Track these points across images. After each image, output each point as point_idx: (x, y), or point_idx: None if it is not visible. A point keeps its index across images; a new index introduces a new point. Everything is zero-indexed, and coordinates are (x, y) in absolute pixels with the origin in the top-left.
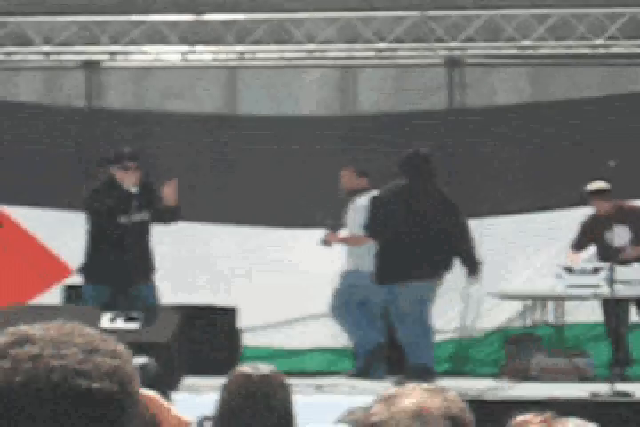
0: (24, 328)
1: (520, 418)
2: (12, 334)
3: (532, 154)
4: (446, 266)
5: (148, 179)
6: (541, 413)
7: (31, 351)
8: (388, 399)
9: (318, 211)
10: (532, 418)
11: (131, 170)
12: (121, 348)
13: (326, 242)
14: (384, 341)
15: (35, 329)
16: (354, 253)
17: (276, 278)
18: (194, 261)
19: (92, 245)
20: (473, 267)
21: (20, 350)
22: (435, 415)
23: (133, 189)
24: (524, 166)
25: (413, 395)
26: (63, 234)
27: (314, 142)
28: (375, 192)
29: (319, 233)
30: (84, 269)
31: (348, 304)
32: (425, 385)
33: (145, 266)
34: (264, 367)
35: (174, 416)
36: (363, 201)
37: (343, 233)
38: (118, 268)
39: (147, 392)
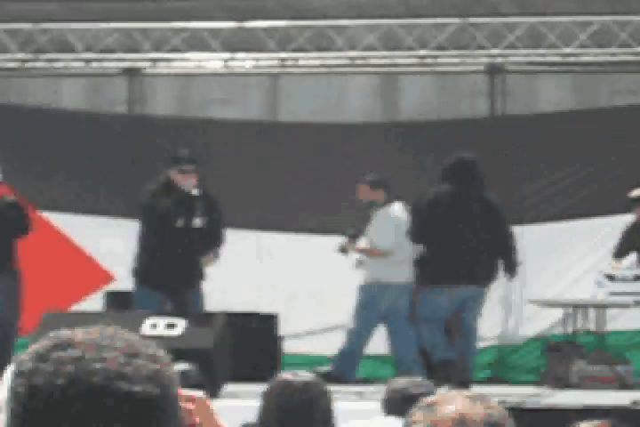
0: (65, 332)
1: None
2: (53, 337)
3: (574, 161)
4: (493, 272)
5: (204, 185)
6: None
7: (73, 354)
8: (428, 407)
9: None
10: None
11: (189, 173)
12: (161, 353)
13: (344, 249)
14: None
15: (76, 333)
16: (373, 266)
17: (317, 285)
18: (236, 268)
19: (146, 249)
20: (513, 272)
21: (62, 354)
22: (476, 423)
23: (195, 192)
24: (565, 173)
25: (455, 402)
26: (104, 240)
27: (355, 149)
28: (396, 204)
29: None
30: (136, 272)
31: (370, 316)
32: (466, 392)
33: (196, 272)
34: (305, 375)
35: (215, 422)
36: (381, 214)
37: (362, 243)
38: (171, 273)
39: (195, 392)
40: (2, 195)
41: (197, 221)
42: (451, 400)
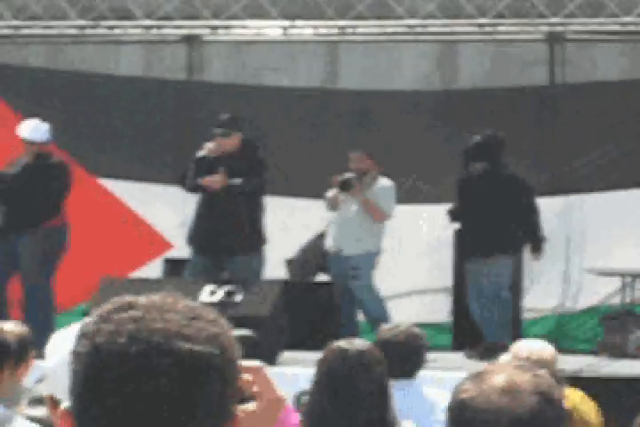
0: (128, 297)
1: None
2: (115, 301)
3: (634, 130)
4: (522, 242)
5: (252, 146)
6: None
7: (134, 315)
8: (477, 377)
9: (422, 187)
10: None
11: (215, 136)
12: (222, 318)
13: (347, 185)
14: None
15: (138, 298)
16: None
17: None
18: (293, 236)
19: (194, 215)
20: (537, 244)
21: (124, 314)
22: (525, 391)
23: (200, 154)
24: (625, 142)
25: (503, 372)
26: (162, 208)
27: (413, 117)
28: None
29: (418, 209)
30: (189, 239)
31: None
32: (515, 363)
33: (247, 236)
34: (360, 343)
35: (273, 391)
36: (382, 181)
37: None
38: (216, 240)
39: (252, 362)
40: (50, 153)
41: (234, 180)
42: (500, 370)
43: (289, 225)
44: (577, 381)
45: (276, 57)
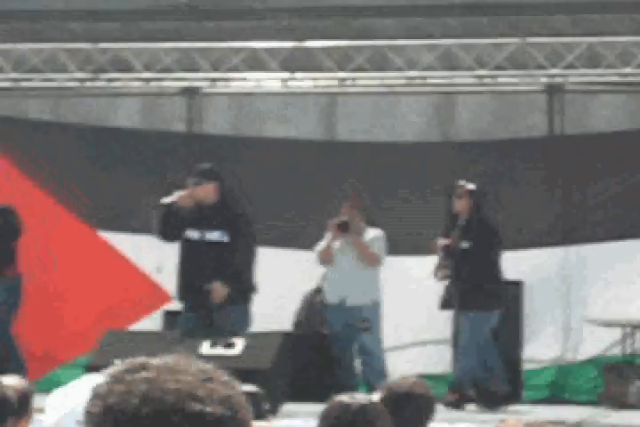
0: (140, 358)
1: None
2: (128, 362)
3: (634, 181)
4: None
5: (231, 198)
6: None
7: (147, 376)
8: None
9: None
10: None
11: (188, 185)
12: (233, 380)
13: (345, 227)
14: None
15: (151, 359)
16: (371, 283)
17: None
18: (294, 289)
19: (178, 268)
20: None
21: (137, 375)
22: None
23: (164, 201)
24: (626, 194)
25: None
26: (162, 260)
27: (412, 168)
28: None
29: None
30: (177, 295)
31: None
32: (525, 420)
33: (232, 288)
34: (362, 398)
35: None
36: (374, 230)
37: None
38: (190, 291)
39: (261, 424)
40: None
41: (211, 236)
42: None
43: (285, 276)
44: None
45: (276, 108)
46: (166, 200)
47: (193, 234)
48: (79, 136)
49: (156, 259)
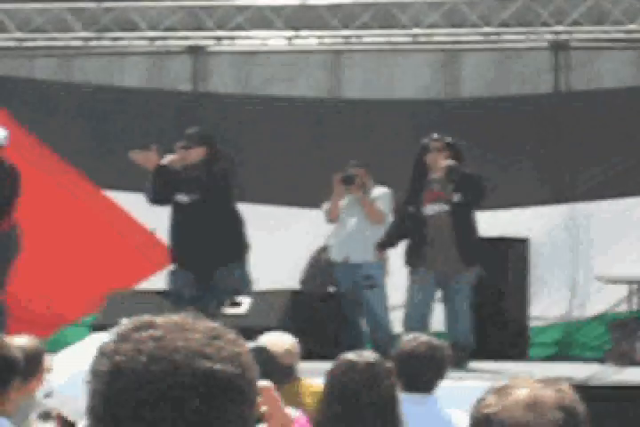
0: (147, 316)
1: None
2: (135, 320)
3: (638, 137)
4: None
5: (217, 160)
6: None
7: (154, 334)
8: (500, 391)
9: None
10: None
11: (178, 149)
12: (241, 338)
13: (350, 179)
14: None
15: (158, 317)
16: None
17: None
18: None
19: (169, 229)
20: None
21: (144, 333)
22: (548, 406)
23: (161, 163)
24: (630, 150)
25: (526, 386)
26: (160, 219)
27: (417, 126)
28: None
29: None
30: (170, 254)
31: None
32: (538, 377)
33: (224, 247)
34: (369, 355)
35: (282, 411)
36: (380, 188)
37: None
38: (194, 253)
39: (262, 382)
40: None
41: (192, 197)
42: (523, 384)
43: (291, 235)
44: (585, 389)
45: (281, 67)
46: (161, 162)
47: (182, 198)
48: (84, 95)
49: (161, 219)
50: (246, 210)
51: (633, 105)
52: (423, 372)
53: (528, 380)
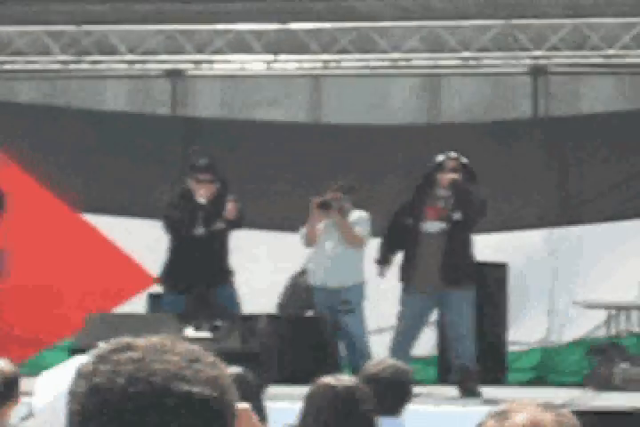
0: (126, 338)
1: None
2: (113, 342)
3: (620, 162)
4: None
5: (224, 190)
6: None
7: (133, 356)
8: (500, 415)
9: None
10: None
11: (203, 182)
12: (219, 361)
13: (327, 204)
14: None
15: (136, 339)
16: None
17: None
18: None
19: (169, 256)
20: None
21: (123, 355)
22: None
23: (202, 201)
24: (612, 174)
25: (526, 411)
26: (148, 243)
27: (397, 151)
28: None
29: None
30: (161, 279)
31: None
32: (537, 401)
33: (220, 269)
34: (347, 379)
35: None
36: (358, 211)
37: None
38: (192, 277)
39: (239, 404)
40: None
41: (211, 228)
42: (522, 408)
43: (273, 259)
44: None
45: (260, 91)
46: (200, 200)
47: (198, 230)
48: (63, 119)
49: (141, 243)
50: None
51: (613, 129)
52: (388, 395)
53: (527, 404)
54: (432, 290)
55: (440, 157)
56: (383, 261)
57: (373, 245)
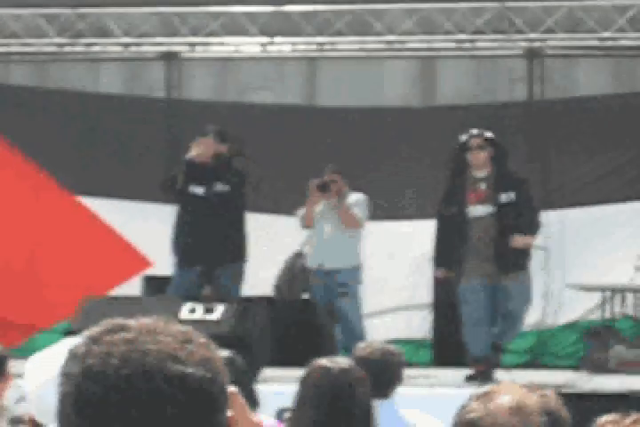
0: (118, 319)
1: (606, 419)
2: (106, 323)
3: (613, 145)
4: None
5: (236, 154)
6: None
7: (126, 337)
8: (484, 396)
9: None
10: (619, 419)
11: (202, 142)
12: (212, 343)
13: (326, 186)
14: None
15: (129, 320)
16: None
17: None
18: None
19: (174, 227)
20: None
21: (116, 336)
22: (533, 410)
23: (191, 155)
24: (605, 158)
25: (510, 392)
26: (142, 225)
27: (392, 134)
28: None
29: (404, 224)
30: (174, 251)
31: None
32: (521, 383)
33: (231, 244)
34: (343, 361)
35: (247, 417)
36: (356, 194)
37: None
38: (199, 251)
39: (229, 388)
40: None
41: (199, 190)
42: (507, 390)
43: (268, 242)
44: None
45: (255, 74)
46: (188, 156)
47: (197, 189)
48: (58, 100)
49: (136, 226)
50: None
51: (607, 113)
52: (378, 378)
53: (511, 386)
54: (485, 277)
55: (463, 137)
56: (441, 262)
57: (370, 229)
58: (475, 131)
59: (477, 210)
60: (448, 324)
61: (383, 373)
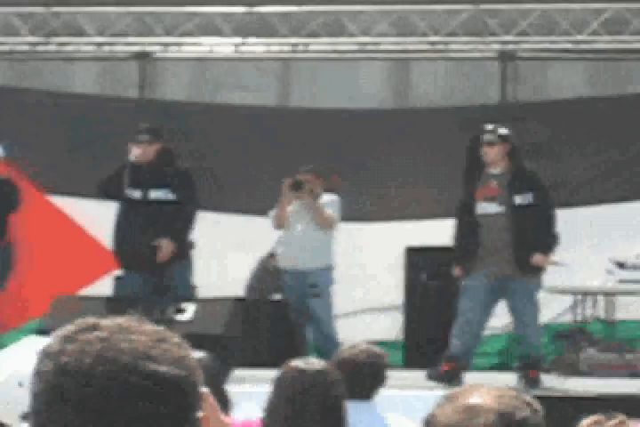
0: (91, 318)
1: (589, 420)
2: (79, 322)
3: (585, 148)
4: None
5: (169, 157)
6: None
7: (100, 335)
8: (450, 397)
9: (372, 205)
10: (603, 420)
11: (140, 143)
12: (185, 342)
13: (299, 185)
14: None
15: (102, 320)
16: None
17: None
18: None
19: (114, 229)
20: None
21: (90, 335)
22: (483, 409)
23: (131, 158)
24: (580, 161)
25: (474, 393)
26: (111, 224)
27: (365, 135)
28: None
29: (380, 227)
30: (116, 254)
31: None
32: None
33: (178, 245)
34: (317, 363)
35: (218, 417)
36: (329, 195)
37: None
38: (140, 254)
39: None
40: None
41: (152, 194)
42: (472, 391)
43: (241, 242)
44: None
45: (229, 74)
46: (131, 159)
47: (134, 193)
48: (32, 101)
49: (108, 225)
50: None
51: (581, 116)
52: (362, 379)
53: (480, 387)
54: (489, 275)
55: (477, 133)
56: (461, 259)
57: (343, 230)
58: (490, 126)
59: (485, 207)
60: (419, 325)
61: (367, 374)
